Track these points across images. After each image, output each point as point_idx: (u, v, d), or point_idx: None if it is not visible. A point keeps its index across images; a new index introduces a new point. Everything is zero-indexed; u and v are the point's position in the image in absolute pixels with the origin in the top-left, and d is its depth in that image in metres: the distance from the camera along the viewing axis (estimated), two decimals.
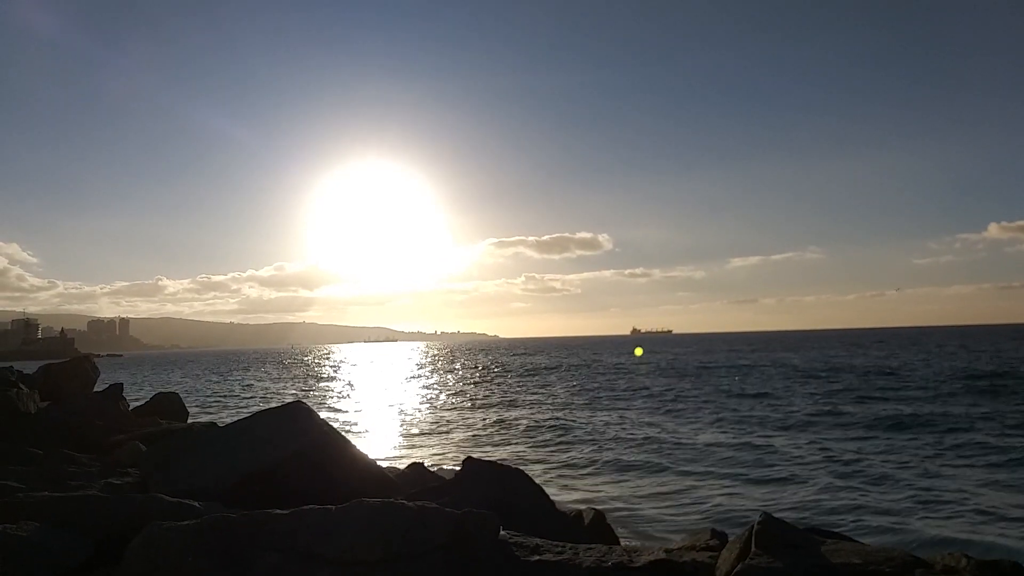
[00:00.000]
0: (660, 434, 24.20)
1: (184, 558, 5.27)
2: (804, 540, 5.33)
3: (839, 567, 4.94)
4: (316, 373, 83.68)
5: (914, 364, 58.82)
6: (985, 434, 21.65)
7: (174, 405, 20.48)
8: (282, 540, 5.28)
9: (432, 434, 27.17)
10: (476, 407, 36.74)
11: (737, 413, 29.43)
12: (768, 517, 5.44)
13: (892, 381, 42.64)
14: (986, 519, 12.74)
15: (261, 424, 9.60)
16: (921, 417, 25.56)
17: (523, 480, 9.59)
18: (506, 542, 6.06)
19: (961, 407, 27.82)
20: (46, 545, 5.87)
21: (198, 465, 9.06)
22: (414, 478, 10.81)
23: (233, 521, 5.52)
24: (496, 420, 30.42)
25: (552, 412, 32.79)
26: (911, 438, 21.69)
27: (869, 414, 27.11)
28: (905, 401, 31.35)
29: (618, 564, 5.92)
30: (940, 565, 5.40)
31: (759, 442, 21.66)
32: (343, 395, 49.23)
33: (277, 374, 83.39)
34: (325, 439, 9.33)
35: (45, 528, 6.10)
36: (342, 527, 5.38)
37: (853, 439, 21.97)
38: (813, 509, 13.98)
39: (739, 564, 5.09)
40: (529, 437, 25.53)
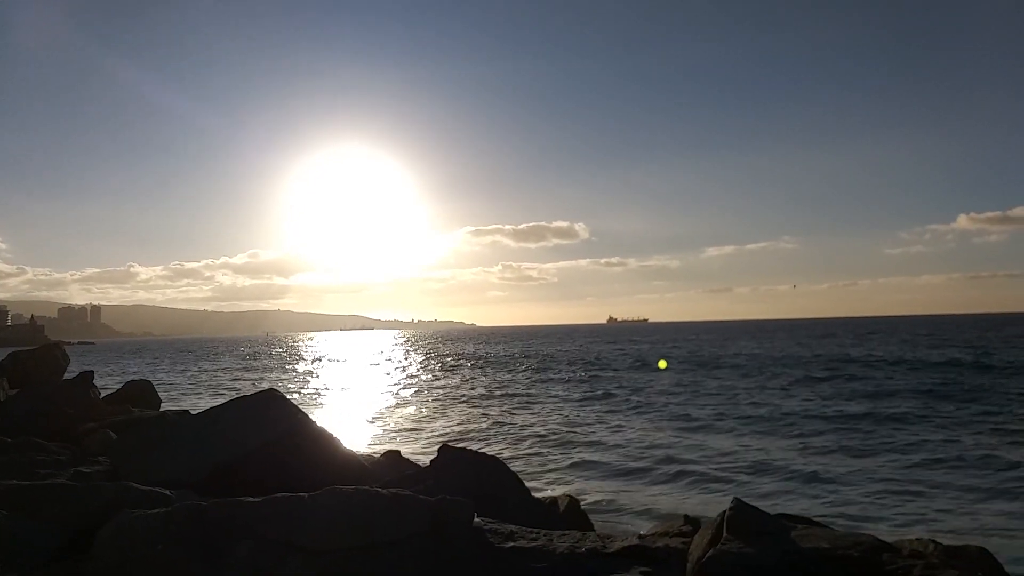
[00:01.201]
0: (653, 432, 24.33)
1: (155, 546, 5.23)
2: (775, 525, 5.40)
3: (809, 552, 5.01)
4: (290, 361, 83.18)
5: (885, 354, 59.69)
6: (937, 427, 22.06)
7: (146, 393, 20.23)
8: (254, 528, 5.26)
9: (408, 422, 27.14)
10: (453, 396, 36.75)
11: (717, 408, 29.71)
12: (740, 503, 5.50)
13: (871, 371, 43.26)
14: (947, 506, 13.00)
15: (234, 412, 9.53)
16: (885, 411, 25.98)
17: (499, 468, 9.62)
18: (481, 529, 6.09)
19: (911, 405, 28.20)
20: (16, 534, 5.80)
21: (170, 454, 8.99)
22: (389, 466, 10.79)
23: (205, 509, 5.48)
24: (474, 409, 30.46)
25: (532, 404, 32.91)
26: (893, 428, 22.03)
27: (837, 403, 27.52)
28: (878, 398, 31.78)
29: (592, 550, 5.97)
30: (907, 550, 5.50)
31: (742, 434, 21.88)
32: (318, 383, 49.00)
33: (251, 362, 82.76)
34: (299, 427, 9.28)
35: (14, 517, 6.02)
36: (315, 515, 5.36)
37: (826, 431, 22.28)
38: (784, 495, 14.18)
39: (711, 549, 5.15)
40: (505, 426, 25.59)
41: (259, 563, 5.08)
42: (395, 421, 27.62)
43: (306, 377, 55.51)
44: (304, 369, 66.29)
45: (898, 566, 5.00)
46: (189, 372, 66.00)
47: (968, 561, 5.77)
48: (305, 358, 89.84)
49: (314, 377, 55.33)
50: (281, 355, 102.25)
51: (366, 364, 72.33)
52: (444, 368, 60.94)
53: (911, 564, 5.06)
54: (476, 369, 58.38)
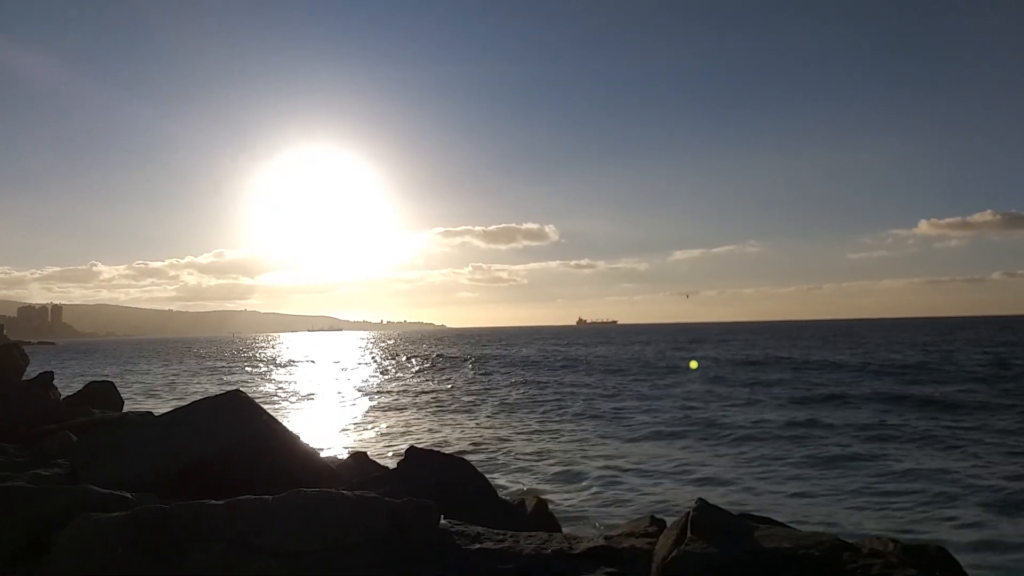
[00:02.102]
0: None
1: (115, 550, 5.14)
2: (738, 525, 5.46)
3: (771, 551, 5.08)
4: (256, 362, 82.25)
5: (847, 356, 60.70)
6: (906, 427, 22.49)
7: (108, 394, 19.86)
8: (217, 531, 5.19)
9: (376, 424, 27.00)
10: (421, 398, 36.62)
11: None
12: (704, 503, 5.56)
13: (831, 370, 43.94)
14: (916, 507, 13.26)
15: (199, 414, 9.39)
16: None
17: (466, 469, 9.62)
18: (447, 530, 6.08)
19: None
20: None
21: (132, 456, 8.83)
22: (356, 468, 10.71)
23: (166, 512, 5.40)
24: (440, 410, 30.39)
25: (498, 399, 32.92)
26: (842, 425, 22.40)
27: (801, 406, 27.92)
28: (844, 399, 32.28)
29: (558, 551, 5.99)
30: (867, 549, 5.59)
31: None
32: (284, 384, 48.52)
33: (216, 363, 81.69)
34: (264, 429, 9.18)
35: None
36: (279, 517, 5.31)
37: (795, 423, 22.61)
38: (747, 494, 14.36)
39: (675, 549, 5.20)
40: (476, 423, 25.58)
41: (222, 566, 5.01)
42: (363, 422, 27.45)
43: (272, 378, 54.94)
44: (270, 370, 65.58)
45: (858, 564, 5.09)
46: (153, 373, 64.94)
47: (927, 559, 5.87)
48: (271, 359, 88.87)
49: (280, 378, 54.78)
50: (247, 356, 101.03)
51: (333, 365, 71.76)
52: (411, 369, 60.69)
53: (871, 563, 5.16)
54: (445, 369, 58.24)
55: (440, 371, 56.43)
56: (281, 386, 47.04)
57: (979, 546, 10.84)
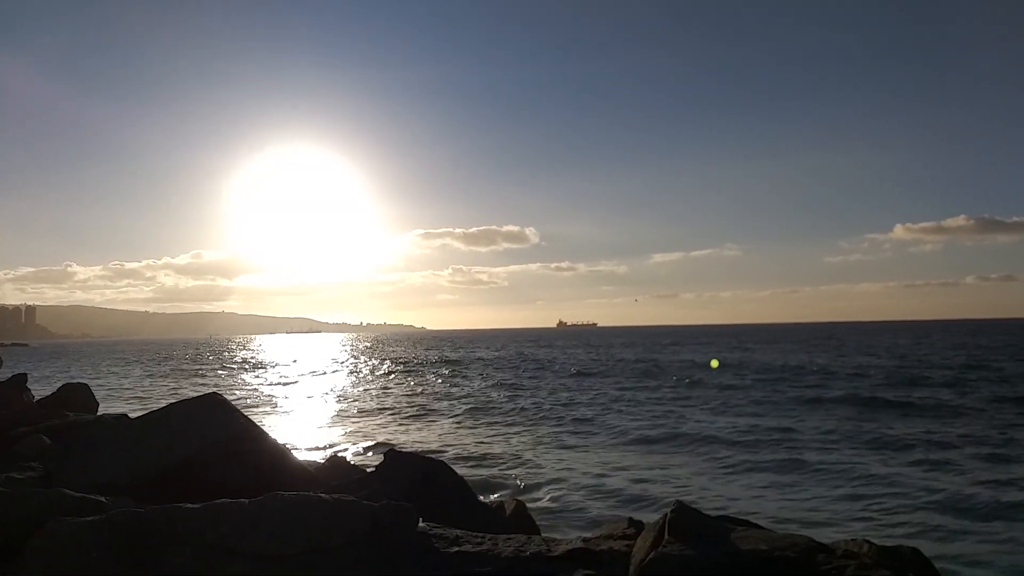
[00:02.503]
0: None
1: (89, 555, 5.08)
2: (715, 527, 5.51)
3: (747, 553, 5.12)
4: (234, 364, 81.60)
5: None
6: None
7: (83, 396, 19.60)
8: (193, 535, 5.15)
9: (354, 427, 26.88)
10: (400, 401, 36.51)
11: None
12: (681, 505, 5.60)
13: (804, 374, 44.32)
14: (887, 509, 13.42)
15: (175, 416, 9.31)
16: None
17: (445, 472, 9.60)
18: (425, 534, 6.07)
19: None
20: None
21: (107, 459, 8.73)
22: (334, 471, 10.68)
23: (141, 516, 5.35)
24: (419, 413, 30.31)
25: (478, 402, 32.90)
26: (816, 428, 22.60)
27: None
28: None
29: (536, 554, 6.00)
30: (841, 550, 5.65)
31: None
32: (262, 387, 48.18)
33: (193, 365, 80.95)
34: (241, 432, 9.11)
35: None
36: (256, 521, 5.28)
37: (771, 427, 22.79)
38: (724, 497, 14.46)
39: (652, 551, 5.23)
40: (454, 426, 25.55)
41: (198, 570, 4.98)
42: (341, 425, 27.32)
43: (249, 381, 54.51)
44: (247, 373, 65.07)
45: (832, 566, 5.15)
46: (128, 375, 64.21)
47: (901, 561, 5.94)
48: (249, 361, 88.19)
49: (257, 381, 54.37)
50: (224, 358, 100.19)
51: (311, 368, 71.34)
52: (391, 371, 60.49)
53: (845, 564, 5.22)
54: (425, 372, 58.10)
55: (419, 374, 56.27)
56: (258, 389, 46.68)
57: (951, 548, 11.00)
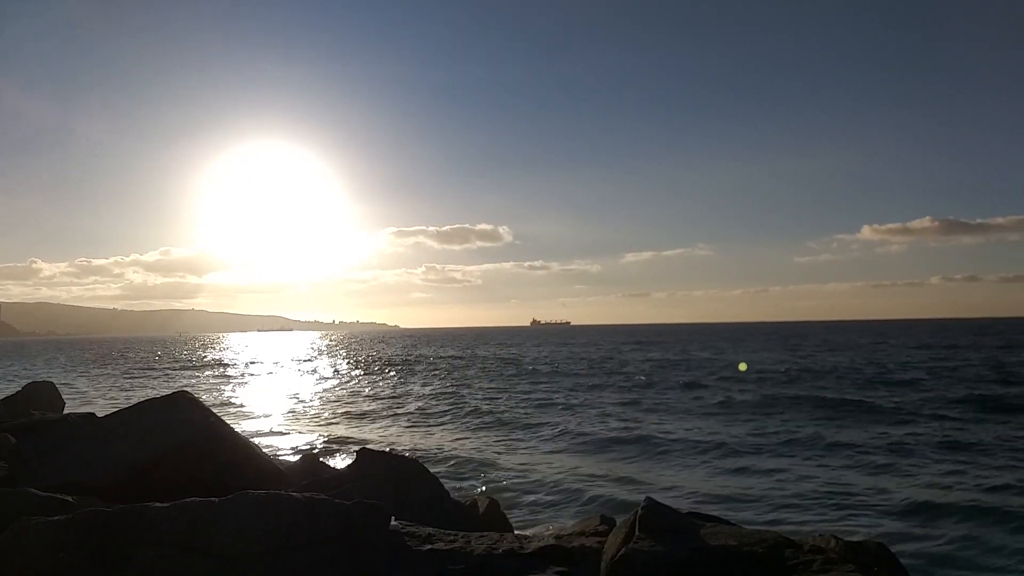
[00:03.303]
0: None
1: (55, 554, 5.02)
2: (685, 524, 5.57)
3: (716, 549, 5.19)
4: (203, 362, 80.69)
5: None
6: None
7: (48, 395, 19.31)
8: (161, 534, 5.10)
9: (327, 426, 26.71)
10: (374, 400, 36.35)
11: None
12: (652, 502, 5.65)
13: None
14: (848, 505, 13.64)
15: (143, 415, 9.21)
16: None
17: (418, 470, 9.60)
18: (397, 532, 6.07)
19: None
20: None
21: (74, 458, 8.62)
22: (306, 469, 10.61)
23: (108, 515, 5.29)
24: (392, 413, 30.21)
25: (449, 401, 32.88)
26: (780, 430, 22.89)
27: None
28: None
29: (508, 551, 6.03)
30: (809, 545, 5.75)
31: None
32: (232, 385, 47.71)
33: (162, 363, 79.90)
34: (211, 430, 9.04)
35: None
36: (225, 520, 5.24)
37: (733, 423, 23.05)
38: (694, 494, 14.61)
39: (623, 548, 5.27)
40: (427, 425, 25.52)
41: (166, 570, 4.93)
42: (313, 424, 27.14)
43: (220, 379, 53.95)
44: (217, 371, 64.36)
45: (799, 561, 5.24)
46: (96, 373, 63.20)
47: (867, 555, 6.04)
48: (219, 360, 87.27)
49: (228, 379, 53.82)
50: (194, 356, 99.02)
51: (282, 366, 70.76)
52: (363, 370, 60.21)
53: (812, 559, 5.30)
54: (395, 370, 57.93)
55: (392, 374, 56.07)
56: (228, 387, 46.21)
57: (915, 545, 11.22)
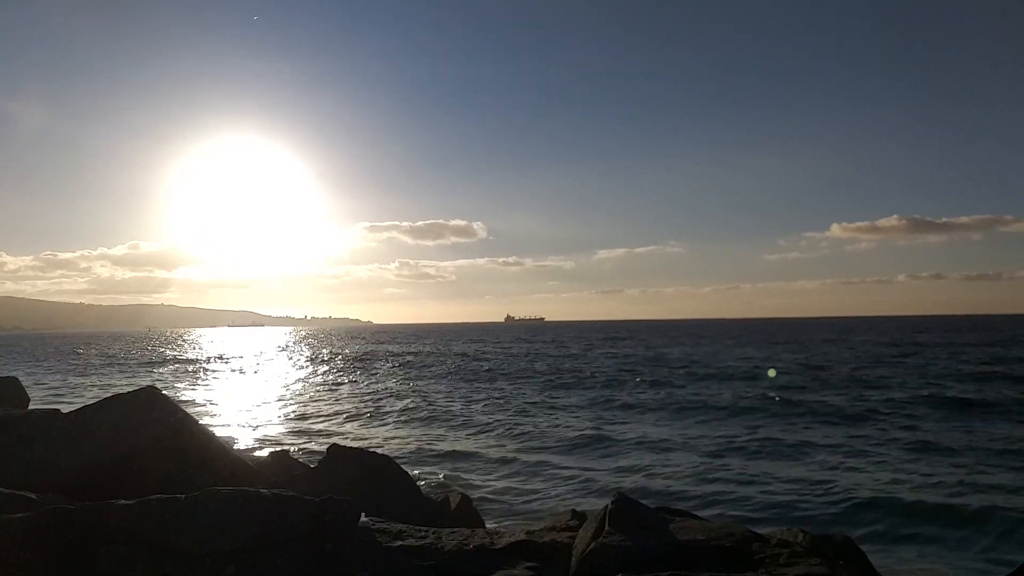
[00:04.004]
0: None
1: (17, 552, 4.93)
2: (654, 519, 5.62)
3: (685, 543, 5.25)
4: (172, 356, 79.72)
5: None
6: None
7: (12, 391, 18.93)
8: (126, 532, 5.03)
9: (297, 421, 26.53)
10: (346, 397, 36.16)
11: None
12: (621, 497, 5.69)
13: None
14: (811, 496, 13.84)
15: (110, 411, 9.06)
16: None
17: (389, 466, 9.57)
18: (368, 528, 6.05)
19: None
20: None
21: (38, 455, 8.46)
22: (277, 466, 10.52)
23: (72, 513, 5.20)
24: (365, 409, 30.07)
25: (420, 399, 32.82)
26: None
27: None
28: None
29: (480, 546, 6.04)
30: (776, 539, 5.84)
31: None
32: (201, 380, 47.18)
33: (129, 358, 78.78)
34: (180, 426, 8.92)
35: None
36: (192, 517, 5.18)
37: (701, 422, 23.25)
38: (665, 490, 14.73)
39: (593, 543, 5.31)
40: (398, 422, 25.44)
41: (131, 568, 4.87)
42: (284, 420, 26.94)
43: (188, 374, 53.31)
44: (186, 366, 63.59)
45: (767, 554, 5.32)
46: (61, 368, 62.16)
47: (833, 549, 6.15)
48: (188, 355, 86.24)
49: (197, 374, 53.21)
50: (162, 351, 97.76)
51: (253, 361, 70.11)
52: (337, 368, 59.88)
53: (778, 552, 5.39)
54: (375, 369, 57.69)
55: (362, 370, 55.82)
56: (197, 383, 45.69)
57: (882, 540, 11.43)
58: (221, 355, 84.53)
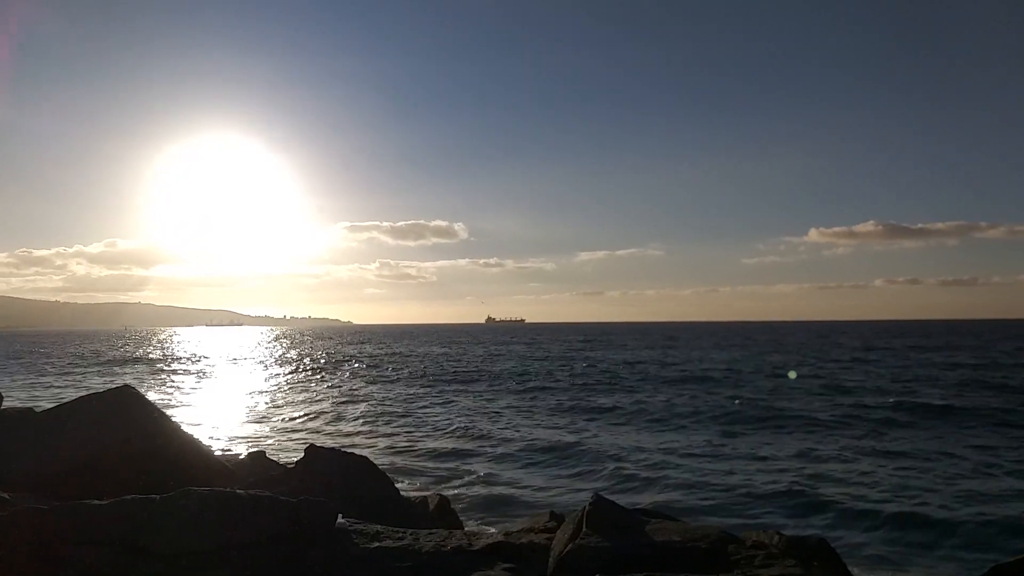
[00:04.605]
0: None
1: None
2: (631, 520, 5.65)
3: (661, 545, 5.28)
4: (149, 356, 78.91)
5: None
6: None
7: None
8: (100, 532, 4.98)
9: (275, 422, 26.35)
10: (326, 398, 35.96)
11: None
12: (599, 498, 5.72)
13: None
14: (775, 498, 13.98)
15: (85, 410, 8.97)
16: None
17: (367, 467, 9.55)
18: (344, 530, 6.03)
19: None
20: None
21: (11, 454, 8.36)
22: (253, 467, 10.46)
23: (45, 513, 5.15)
24: (344, 410, 29.93)
25: (394, 400, 32.73)
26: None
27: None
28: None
29: (457, 548, 6.04)
30: (751, 541, 5.89)
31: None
32: (178, 380, 46.74)
33: (105, 357, 77.88)
34: (155, 426, 8.85)
35: None
36: (167, 518, 5.14)
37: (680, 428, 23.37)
38: (643, 491, 14.81)
39: (571, 544, 5.33)
40: (372, 426, 25.35)
41: (105, 569, 4.82)
42: (261, 421, 26.75)
43: (165, 374, 52.78)
44: (163, 365, 62.94)
45: (742, 556, 5.37)
46: (36, 367, 61.32)
47: (807, 550, 6.21)
48: (165, 354, 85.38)
49: (174, 374, 52.70)
50: (139, 350, 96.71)
51: (231, 361, 69.55)
52: (316, 369, 59.55)
53: (754, 554, 5.44)
54: (355, 370, 57.45)
55: (339, 371, 55.57)
56: (174, 382, 45.25)
57: (855, 541, 11.56)
58: (198, 354, 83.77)
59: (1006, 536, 11.60)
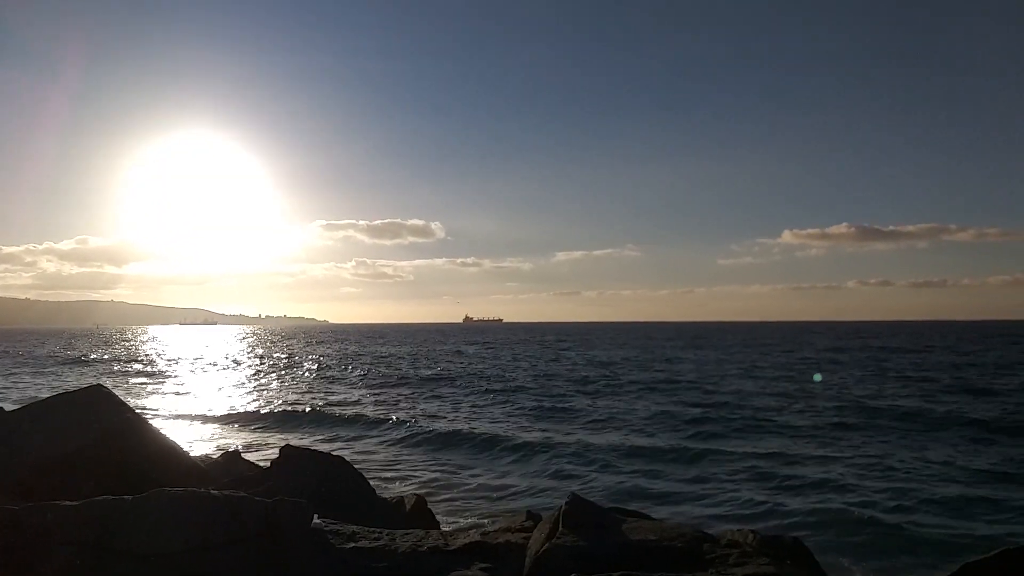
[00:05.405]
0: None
1: None
2: (607, 519, 5.68)
3: (637, 544, 5.31)
4: (121, 354, 77.91)
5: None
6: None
7: None
8: (71, 533, 4.92)
9: (250, 423, 26.12)
10: (297, 397, 35.73)
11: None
12: (575, 498, 5.74)
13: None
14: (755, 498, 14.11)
15: (55, 409, 8.84)
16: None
17: (343, 467, 9.51)
18: (320, 530, 6.00)
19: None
20: None
21: None
22: (228, 467, 10.39)
23: (15, 514, 5.07)
24: (318, 409, 29.74)
25: (378, 400, 32.60)
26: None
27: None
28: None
29: (433, 548, 6.03)
30: (726, 540, 5.94)
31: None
32: (150, 379, 46.18)
33: (76, 355, 76.76)
34: (127, 426, 8.74)
35: None
36: (139, 518, 5.08)
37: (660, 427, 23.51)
38: (622, 489, 14.87)
39: (547, 543, 5.34)
40: (352, 424, 25.23)
41: (77, 570, 4.76)
42: (236, 421, 26.50)
43: (137, 373, 52.13)
44: (135, 364, 62.16)
45: (716, 555, 5.41)
46: (4, 365, 60.29)
47: (782, 549, 6.28)
48: (138, 352, 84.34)
49: (146, 373, 52.06)
50: (111, 349, 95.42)
51: (205, 360, 68.84)
52: (288, 368, 59.16)
53: (728, 553, 5.49)
54: (333, 369, 57.12)
55: (322, 368, 55.27)
56: (146, 382, 44.70)
57: (832, 540, 11.71)
58: (172, 353, 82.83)
59: (975, 537, 11.81)
